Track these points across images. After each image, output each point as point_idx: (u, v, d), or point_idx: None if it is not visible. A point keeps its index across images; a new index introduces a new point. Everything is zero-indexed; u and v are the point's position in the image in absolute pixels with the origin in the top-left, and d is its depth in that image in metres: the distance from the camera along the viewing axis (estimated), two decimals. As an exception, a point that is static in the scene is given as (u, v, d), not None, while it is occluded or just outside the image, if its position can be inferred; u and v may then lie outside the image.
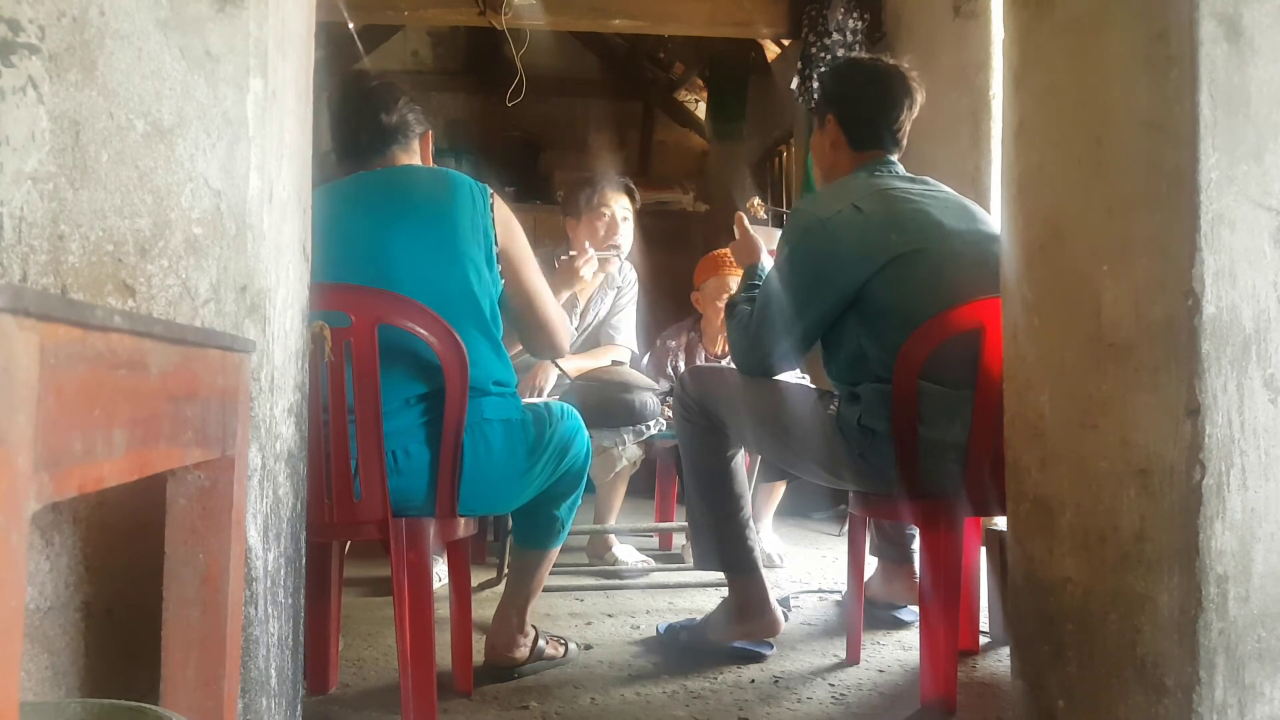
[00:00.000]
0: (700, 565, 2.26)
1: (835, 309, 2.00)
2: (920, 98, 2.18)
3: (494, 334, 1.89)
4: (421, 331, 1.70)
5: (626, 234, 3.21)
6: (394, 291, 1.73)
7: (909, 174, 2.16)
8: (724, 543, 2.18)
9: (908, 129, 2.20)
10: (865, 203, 2.01)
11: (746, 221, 2.34)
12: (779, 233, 2.26)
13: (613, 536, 3.26)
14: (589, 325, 3.33)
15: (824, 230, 2.00)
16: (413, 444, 1.76)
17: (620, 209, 3.22)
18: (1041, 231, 1.42)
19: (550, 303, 2.09)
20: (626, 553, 3.26)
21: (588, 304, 3.30)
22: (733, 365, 2.27)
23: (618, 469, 3.17)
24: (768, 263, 2.28)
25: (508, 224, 1.93)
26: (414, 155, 2.03)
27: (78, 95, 1.15)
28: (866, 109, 2.17)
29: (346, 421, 1.67)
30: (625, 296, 3.36)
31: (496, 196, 1.94)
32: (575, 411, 2.06)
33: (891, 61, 2.24)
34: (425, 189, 1.90)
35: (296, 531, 1.34)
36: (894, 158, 2.18)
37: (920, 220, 2.00)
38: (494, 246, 1.89)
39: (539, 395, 2.98)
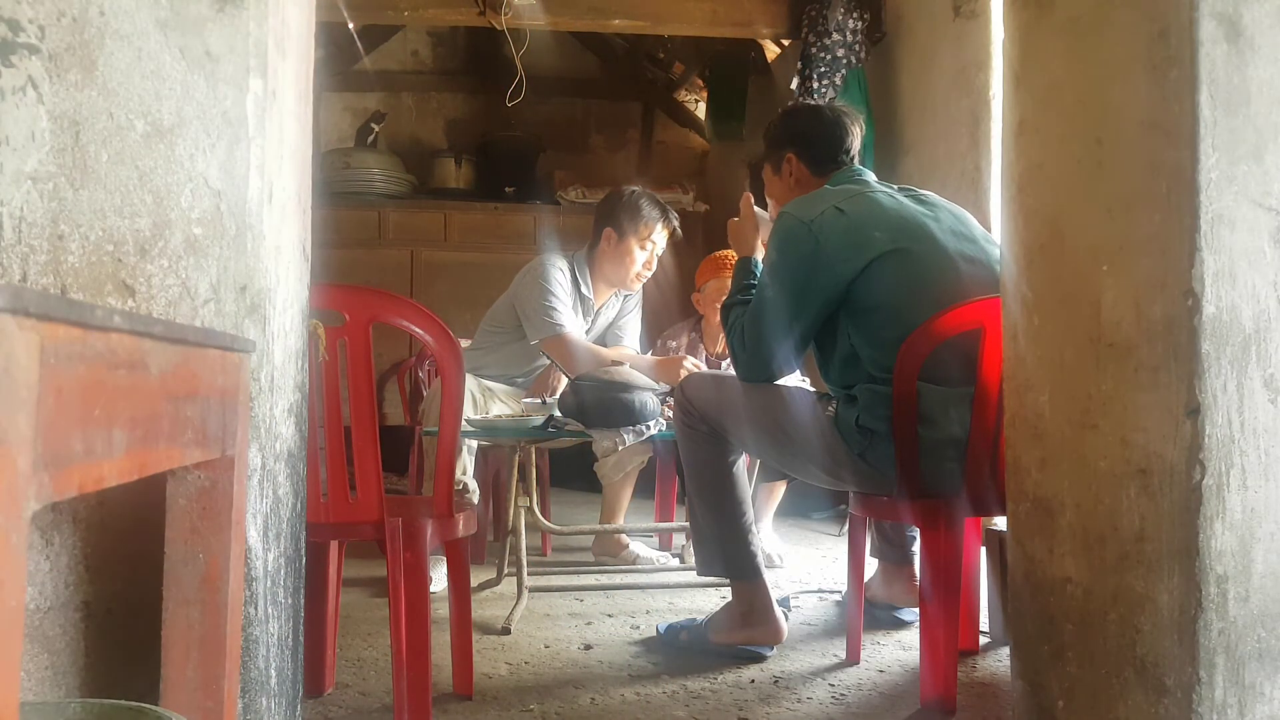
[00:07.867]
0: (704, 572, 2.26)
1: (825, 309, 2.03)
2: (861, 127, 2.34)
3: None
4: (417, 330, 1.70)
5: (653, 264, 3.28)
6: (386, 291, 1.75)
7: (881, 180, 2.24)
8: (727, 549, 2.18)
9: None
10: (847, 204, 2.06)
11: (754, 204, 2.34)
12: None
13: (625, 535, 3.27)
14: (599, 327, 3.40)
15: (808, 232, 2.02)
16: None
17: (662, 244, 3.27)
18: (1041, 231, 1.42)
19: None
20: (642, 548, 3.27)
21: (600, 309, 3.37)
22: (732, 370, 2.27)
23: (628, 469, 3.19)
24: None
25: None
26: None
27: (78, 95, 1.15)
28: (823, 137, 2.28)
29: (341, 421, 1.68)
30: (632, 301, 3.45)
31: None
32: None
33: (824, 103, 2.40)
34: None
35: (296, 531, 1.34)
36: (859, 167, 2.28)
37: (902, 219, 2.04)
38: None
39: (552, 395, 3.02)
